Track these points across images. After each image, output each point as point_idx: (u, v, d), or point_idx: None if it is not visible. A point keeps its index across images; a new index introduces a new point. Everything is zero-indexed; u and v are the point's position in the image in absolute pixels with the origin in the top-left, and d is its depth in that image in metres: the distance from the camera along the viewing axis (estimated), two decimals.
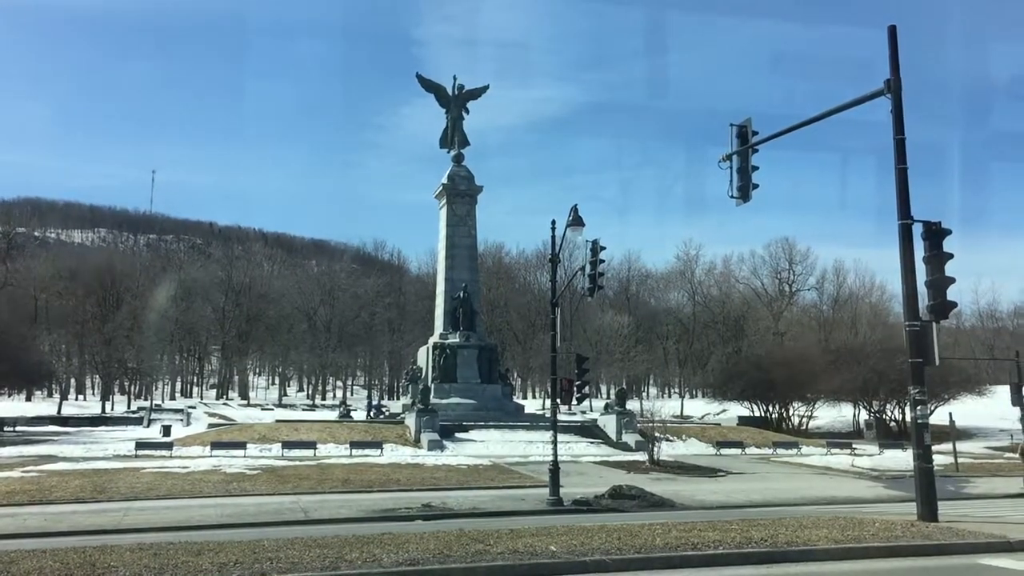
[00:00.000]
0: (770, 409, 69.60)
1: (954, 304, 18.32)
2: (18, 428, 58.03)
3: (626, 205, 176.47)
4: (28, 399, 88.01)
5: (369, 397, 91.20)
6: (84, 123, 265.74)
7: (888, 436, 55.77)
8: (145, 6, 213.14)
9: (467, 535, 14.82)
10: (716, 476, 31.41)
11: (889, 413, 63.69)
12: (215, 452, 36.48)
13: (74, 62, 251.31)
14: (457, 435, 42.28)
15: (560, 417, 31.40)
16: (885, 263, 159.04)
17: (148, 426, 62.25)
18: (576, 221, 23.72)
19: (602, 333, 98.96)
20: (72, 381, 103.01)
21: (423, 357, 52.77)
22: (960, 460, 35.78)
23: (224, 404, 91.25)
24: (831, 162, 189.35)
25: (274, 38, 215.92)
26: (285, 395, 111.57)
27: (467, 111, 54.67)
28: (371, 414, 58.95)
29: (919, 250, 17.83)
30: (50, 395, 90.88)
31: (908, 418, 28.42)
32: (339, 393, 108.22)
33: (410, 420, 43.59)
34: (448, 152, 54.76)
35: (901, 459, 35.01)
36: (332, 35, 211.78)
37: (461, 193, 53.50)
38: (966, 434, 54.31)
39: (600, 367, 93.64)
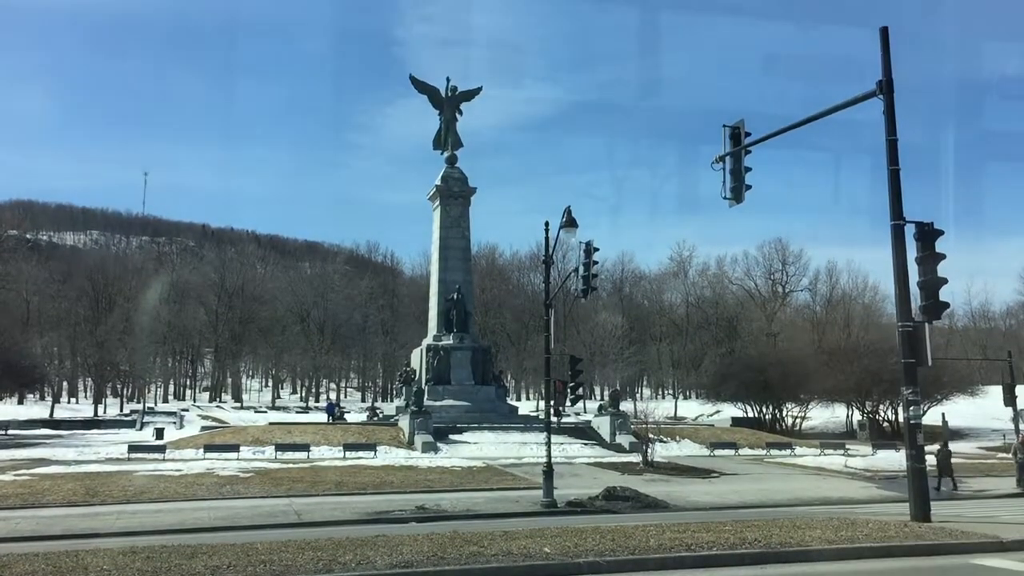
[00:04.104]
0: (764, 410, 69.68)
1: (947, 305, 18.38)
2: (10, 431, 57.73)
3: (619, 205, 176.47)
4: (20, 402, 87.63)
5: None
6: (75, 125, 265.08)
7: (881, 436, 55.88)
8: (134, 7, 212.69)
9: (461, 537, 14.80)
10: (710, 477, 31.44)
11: (882, 414, 63.82)
12: (208, 455, 36.38)
13: (64, 63, 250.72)
14: (451, 437, 42.23)
15: (554, 419, 31.40)
16: (878, 263, 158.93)
17: (141, 429, 62.02)
18: (569, 222, 23.76)
19: (596, 334, 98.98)
20: (64, 384, 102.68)
21: (417, 359, 52.71)
22: (953, 460, 35.80)
23: (217, 407, 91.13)
24: (824, 162, 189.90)
25: (258, 38, 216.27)
26: (278, 397, 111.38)
27: (460, 112, 54.60)
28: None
29: (912, 251, 17.89)
30: (42, 398, 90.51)
31: (901, 418, 28.43)
32: (332, 395, 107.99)
33: (404, 422, 43.54)
34: (441, 154, 54.69)
35: (894, 459, 35.05)
36: (314, 35, 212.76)
37: (455, 195, 53.44)
38: (959, 434, 54.46)
39: (594, 368, 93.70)
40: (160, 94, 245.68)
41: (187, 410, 78.48)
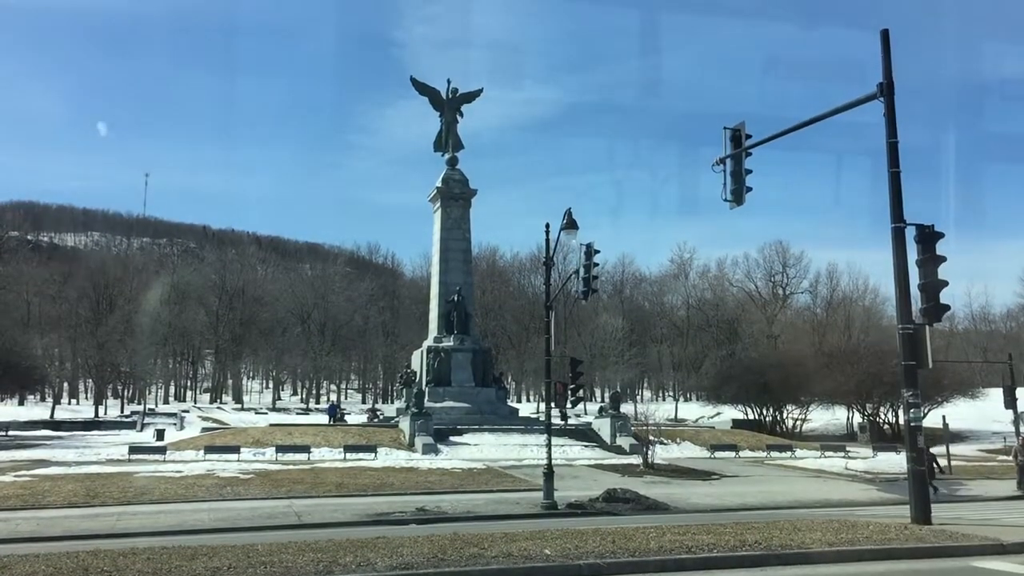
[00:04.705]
0: (764, 412, 69.70)
1: (947, 307, 18.37)
2: (11, 432, 57.80)
3: (620, 207, 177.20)
4: (21, 403, 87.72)
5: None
6: (77, 125, 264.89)
7: (882, 439, 55.85)
8: (135, 9, 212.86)
9: (461, 539, 14.80)
10: (710, 479, 31.43)
11: (883, 416, 63.81)
12: (209, 456, 36.40)
13: (65, 64, 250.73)
14: (451, 439, 42.22)
15: (554, 420, 31.39)
16: (879, 266, 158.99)
17: (141, 430, 62.05)
18: (570, 224, 23.77)
19: (596, 336, 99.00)
20: (65, 385, 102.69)
21: (417, 361, 52.72)
22: (953, 463, 35.85)
23: (218, 408, 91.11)
24: (825, 164, 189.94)
25: (259, 40, 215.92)
26: (279, 399, 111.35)
27: (461, 114, 54.61)
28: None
29: (912, 253, 17.88)
30: (43, 399, 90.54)
31: (901, 421, 28.45)
32: (333, 397, 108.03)
33: (404, 424, 43.55)
34: (442, 155, 54.68)
35: (895, 462, 35.05)
36: (314, 37, 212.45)
37: (455, 196, 53.45)
38: (959, 437, 54.42)
39: (595, 370, 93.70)
40: (161, 95, 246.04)
41: (188, 411, 78.48)
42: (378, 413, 63.87)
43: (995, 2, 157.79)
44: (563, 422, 48.15)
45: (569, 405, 27.94)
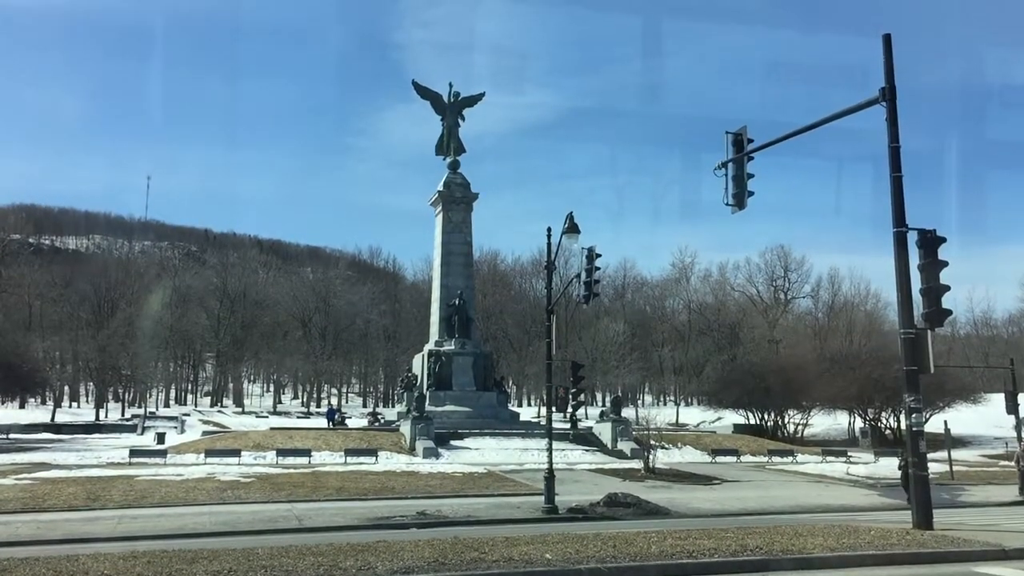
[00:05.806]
0: (765, 417, 69.56)
1: (949, 312, 18.37)
2: (11, 435, 57.73)
3: (621, 211, 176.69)
4: (22, 406, 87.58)
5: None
6: (78, 127, 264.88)
7: (883, 444, 55.75)
8: (135, 11, 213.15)
9: (462, 543, 14.78)
10: (711, 484, 31.38)
11: (884, 421, 63.70)
12: (209, 460, 36.37)
13: (67, 66, 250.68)
14: (452, 443, 42.20)
15: (555, 425, 31.34)
16: (880, 270, 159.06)
17: (142, 433, 62.04)
18: (572, 228, 23.78)
19: (597, 340, 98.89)
20: (66, 388, 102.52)
21: (418, 364, 52.72)
22: (955, 468, 35.79)
23: (219, 411, 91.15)
24: (827, 168, 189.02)
25: (258, 42, 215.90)
26: (280, 402, 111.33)
27: (463, 118, 54.66)
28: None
29: (914, 258, 17.88)
30: (44, 402, 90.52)
31: (903, 426, 28.41)
32: (334, 400, 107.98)
33: (405, 428, 43.53)
34: (444, 159, 54.73)
35: (896, 467, 35.01)
36: (315, 40, 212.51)
37: (457, 200, 53.49)
38: (961, 442, 54.33)
39: (596, 375, 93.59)
40: (162, 98, 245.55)
41: (188, 415, 78.49)
42: (379, 417, 63.82)
43: (998, 8, 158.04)
44: (571, 428, 48.14)
45: (570, 409, 27.96)
